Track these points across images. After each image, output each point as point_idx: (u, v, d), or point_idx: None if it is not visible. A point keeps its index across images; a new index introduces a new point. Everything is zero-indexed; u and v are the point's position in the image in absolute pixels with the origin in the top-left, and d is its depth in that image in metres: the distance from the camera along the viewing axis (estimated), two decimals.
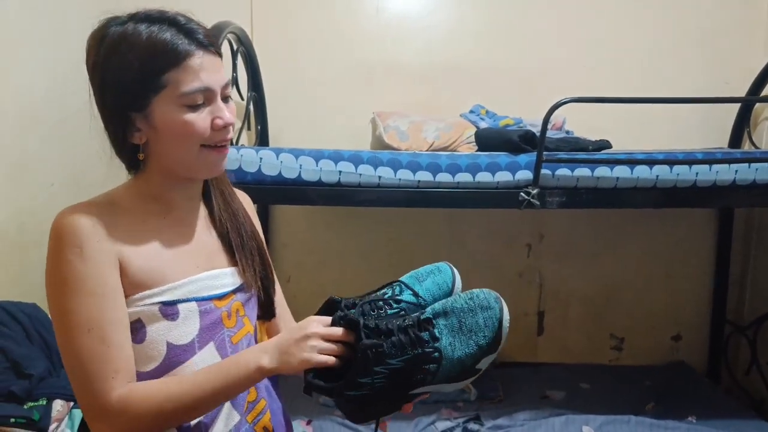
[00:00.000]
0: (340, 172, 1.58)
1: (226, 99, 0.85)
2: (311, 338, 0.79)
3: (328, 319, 0.82)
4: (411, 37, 2.34)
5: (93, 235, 0.77)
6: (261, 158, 1.57)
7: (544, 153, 1.56)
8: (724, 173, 1.61)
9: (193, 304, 0.84)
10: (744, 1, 2.31)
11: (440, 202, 1.63)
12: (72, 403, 1.49)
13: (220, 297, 0.89)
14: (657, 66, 2.33)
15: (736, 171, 1.61)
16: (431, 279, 0.94)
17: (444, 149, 2.01)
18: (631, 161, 1.59)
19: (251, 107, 2.17)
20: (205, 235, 0.93)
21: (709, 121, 2.34)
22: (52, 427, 1.42)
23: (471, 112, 2.22)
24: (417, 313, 0.82)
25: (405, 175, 1.59)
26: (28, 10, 1.70)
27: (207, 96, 0.81)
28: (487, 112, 2.20)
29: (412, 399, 0.83)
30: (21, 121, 1.67)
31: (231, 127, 0.86)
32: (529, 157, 1.59)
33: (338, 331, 0.79)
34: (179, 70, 0.78)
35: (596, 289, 2.49)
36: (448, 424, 1.95)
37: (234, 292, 0.92)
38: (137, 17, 0.80)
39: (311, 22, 2.34)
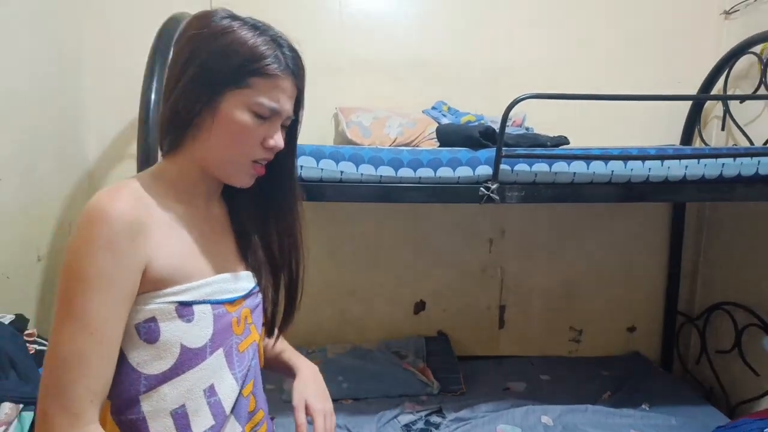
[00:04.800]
0: (301, 166, 1.56)
1: (283, 127, 0.88)
2: None
3: None
4: (375, 33, 2.34)
5: (128, 233, 0.74)
6: None
7: (503, 148, 1.58)
8: (675, 169, 1.66)
9: (208, 306, 0.82)
10: (695, 5, 2.39)
11: (402, 197, 1.64)
12: (21, 406, 1.43)
13: (232, 302, 0.87)
14: (614, 66, 2.40)
15: (686, 167, 1.66)
16: None
17: (407, 145, 2.02)
18: (587, 156, 1.63)
19: None
20: (222, 234, 0.92)
21: (662, 119, 2.42)
22: (0, 430, 1.37)
23: (433, 108, 2.23)
24: None
25: (367, 170, 1.59)
26: None
27: (272, 116, 0.84)
28: (449, 108, 2.22)
29: None
30: None
31: (274, 152, 0.87)
32: (489, 153, 1.61)
33: None
34: (266, 81, 0.82)
35: (556, 283, 2.55)
36: (410, 417, 1.97)
37: (244, 297, 0.90)
38: (256, 21, 0.86)
39: (273, 14, 2.30)
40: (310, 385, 1.06)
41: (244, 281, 0.91)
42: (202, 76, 0.80)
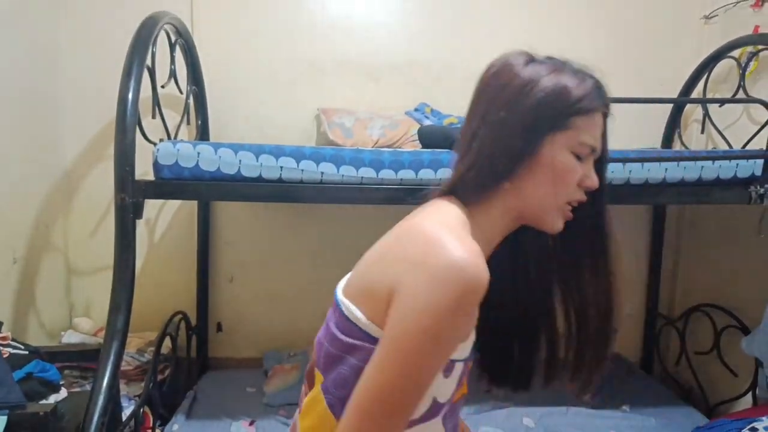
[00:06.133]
0: (281, 167, 1.55)
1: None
2: None
3: None
4: (357, 34, 2.33)
5: (481, 299, 0.70)
6: (199, 153, 1.52)
7: None
8: (655, 171, 1.67)
9: (462, 364, 0.80)
10: (676, 10, 2.42)
11: (383, 199, 1.63)
12: None
13: (469, 359, 0.85)
14: (595, 68, 2.40)
15: (666, 169, 1.68)
16: None
17: (389, 147, 2.01)
18: None
19: (191, 101, 2.11)
20: None
21: (643, 122, 2.44)
22: None
23: (416, 110, 2.23)
24: None
25: (348, 171, 1.58)
26: None
27: (589, 154, 0.82)
28: (432, 110, 2.22)
29: None
30: None
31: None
32: None
33: None
34: (587, 119, 0.80)
35: None
36: None
37: (473, 354, 0.88)
38: (555, 60, 0.84)
39: (255, 14, 2.29)
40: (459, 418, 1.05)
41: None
42: (523, 125, 0.78)
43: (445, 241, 0.70)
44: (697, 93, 2.33)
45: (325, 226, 2.42)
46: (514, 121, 0.79)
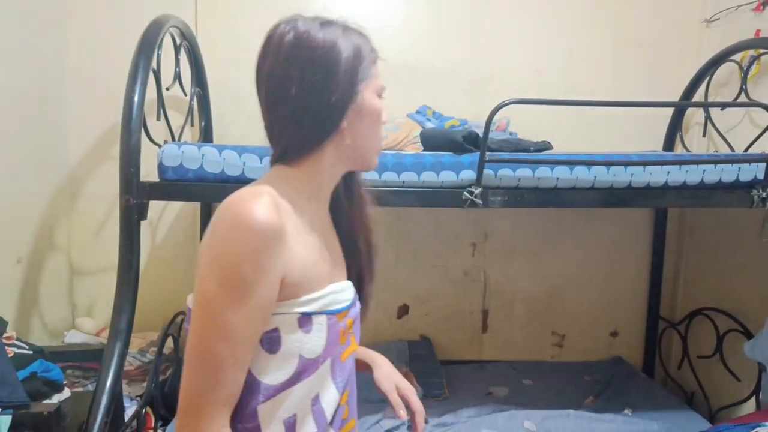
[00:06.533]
0: None
1: None
2: None
3: None
4: None
5: (274, 243, 0.73)
6: (203, 155, 1.54)
7: (487, 153, 1.58)
8: (657, 174, 1.68)
9: (324, 317, 0.82)
10: (677, 13, 2.43)
11: (385, 201, 1.63)
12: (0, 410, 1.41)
13: (341, 312, 0.86)
14: (597, 72, 2.42)
15: (668, 172, 1.68)
16: None
17: (391, 149, 2.02)
18: (570, 162, 1.64)
19: (194, 103, 2.12)
20: (332, 240, 0.93)
21: (645, 125, 2.44)
22: None
23: (418, 112, 2.23)
24: None
25: None
26: None
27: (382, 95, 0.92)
28: (433, 113, 2.22)
29: None
30: None
31: None
32: (473, 157, 1.62)
33: None
34: (376, 67, 0.91)
35: (539, 288, 2.56)
36: (393, 422, 1.96)
37: (350, 307, 0.90)
38: (337, 20, 0.91)
39: (258, 17, 2.30)
40: (393, 371, 1.09)
41: (349, 290, 0.91)
42: (340, 82, 0.83)
43: (235, 198, 0.75)
44: (698, 96, 2.33)
45: None
46: (330, 81, 0.83)
